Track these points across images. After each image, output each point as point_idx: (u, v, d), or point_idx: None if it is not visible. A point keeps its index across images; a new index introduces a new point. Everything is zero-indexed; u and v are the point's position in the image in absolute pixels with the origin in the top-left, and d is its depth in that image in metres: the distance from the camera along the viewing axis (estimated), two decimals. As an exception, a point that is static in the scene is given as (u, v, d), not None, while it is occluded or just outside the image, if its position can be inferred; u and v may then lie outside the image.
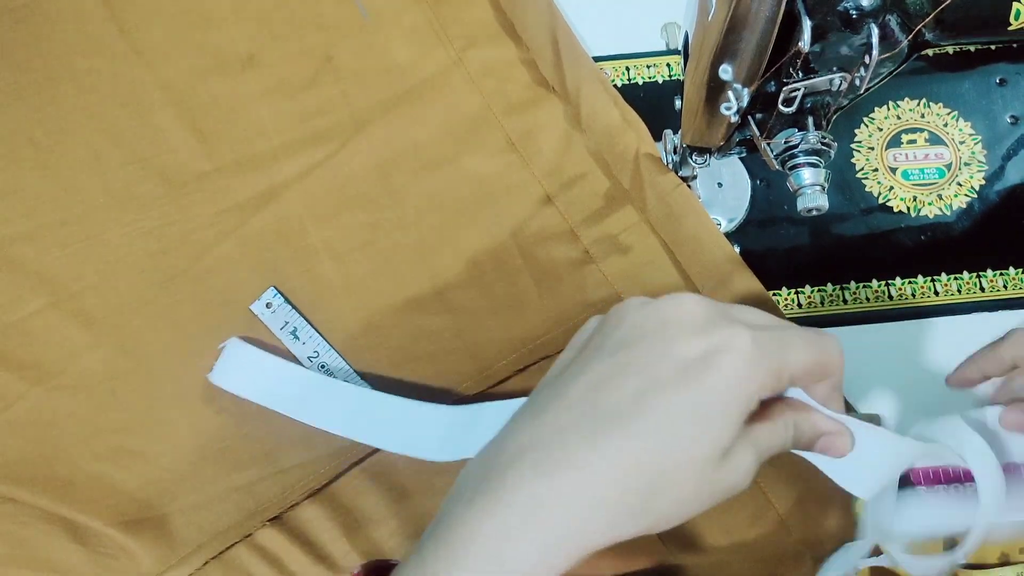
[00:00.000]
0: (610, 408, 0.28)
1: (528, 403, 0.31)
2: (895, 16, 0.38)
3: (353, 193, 0.55)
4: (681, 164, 0.53)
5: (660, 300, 0.30)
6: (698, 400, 0.27)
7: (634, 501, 0.27)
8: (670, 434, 0.27)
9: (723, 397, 0.28)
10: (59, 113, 0.55)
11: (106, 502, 0.49)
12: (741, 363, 0.28)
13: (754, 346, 0.28)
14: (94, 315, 0.52)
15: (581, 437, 0.27)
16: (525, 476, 0.27)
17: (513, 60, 0.57)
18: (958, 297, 0.54)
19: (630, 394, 0.28)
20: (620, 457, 0.27)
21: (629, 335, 0.30)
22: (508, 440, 0.29)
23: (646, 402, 0.27)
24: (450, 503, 0.29)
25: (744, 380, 0.28)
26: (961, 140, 0.57)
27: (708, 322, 0.29)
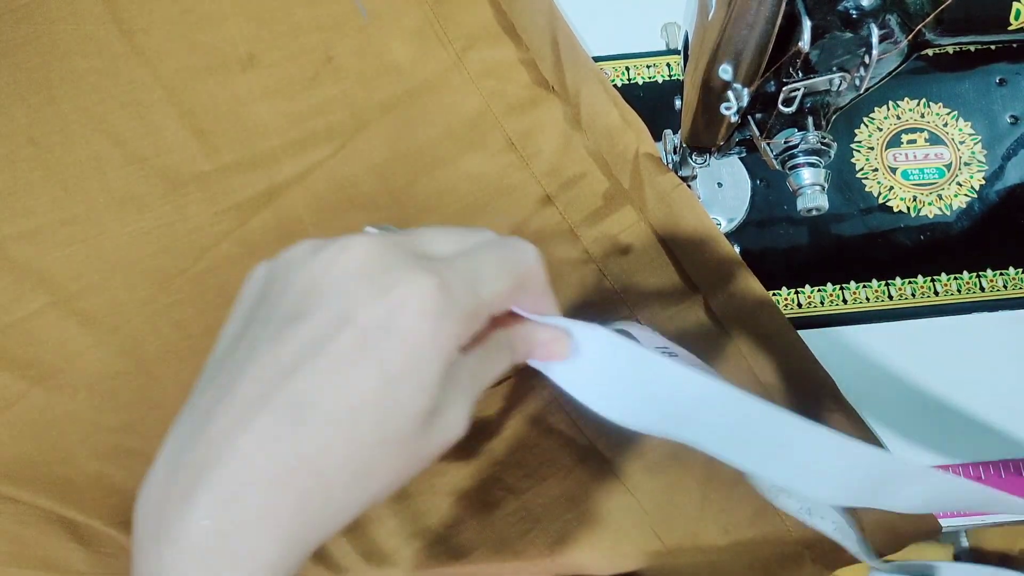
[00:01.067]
0: (289, 402, 0.24)
1: (192, 403, 0.27)
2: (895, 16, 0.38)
3: (353, 193, 0.55)
4: (681, 164, 0.53)
5: (329, 247, 0.26)
6: (381, 372, 0.24)
7: (336, 494, 0.24)
8: (362, 417, 0.24)
9: (413, 364, 0.24)
10: (59, 113, 0.55)
11: (106, 501, 0.49)
12: (428, 320, 0.24)
13: (440, 295, 0.24)
14: (94, 315, 0.52)
15: (262, 440, 0.24)
16: (202, 502, 0.24)
17: (513, 60, 0.57)
18: (958, 297, 0.54)
19: (310, 381, 0.24)
20: (310, 455, 0.24)
21: (300, 302, 0.25)
22: (179, 454, 0.25)
23: (329, 386, 0.24)
24: (137, 554, 0.25)
25: (434, 339, 0.24)
26: (961, 140, 0.57)
27: (385, 272, 0.25)
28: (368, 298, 0.25)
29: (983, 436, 0.51)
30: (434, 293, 0.25)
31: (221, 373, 0.26)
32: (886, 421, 0.50)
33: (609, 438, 0.50)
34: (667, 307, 0.52)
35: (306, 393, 0.24)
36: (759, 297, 0.51)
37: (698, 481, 0.49)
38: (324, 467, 0.24)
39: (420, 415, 0.25)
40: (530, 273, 0.28)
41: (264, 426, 0.24)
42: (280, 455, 0.24)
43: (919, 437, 0.51)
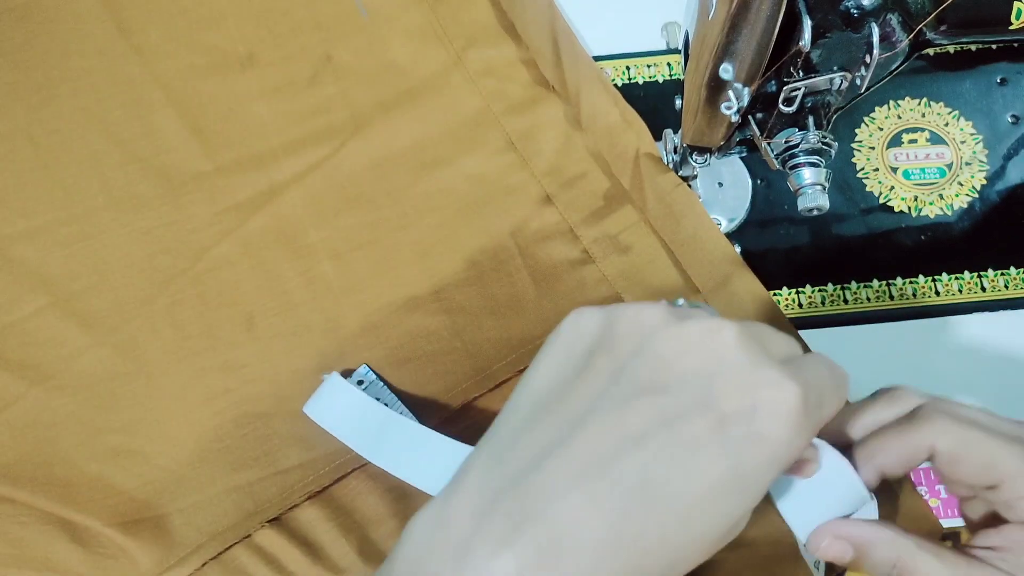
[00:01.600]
0: (632, 474, 0.23)
1: (508, 439, 0.25)
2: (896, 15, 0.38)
3: (352, 193, 0.55)
4: (681, 164, 0.53)
5: (692, 325, 0.25)
6: (736, 469, 0.23)
7: (653, 570, 0.23)
8: (701, 507, 0.23)
9: (764, 468, 0.24)
10: (58, 113, 0.55)
11: (105, 502, 0.49)
12: (789, 428, 0.24)
13: (803, 407, 0.24)
14: (93, 315, 0.52)
15: (593, 508, 0.23)
16: (519, 553, 0.22)
17: (513, 60, 0.57)
18: (959, 297, 0.54)
19: (658, 457, 0.23)
20: (639, 533, 0.23)
21: (656, 372, 0.24)
22: (496, 494, 0.24)
23: (677, 467, 0.23)
24: (425, 569, 0.24)
25: (789, 448, 0.24)
26: (962, 140, 0.56)
27: (754, 369, 0.24)
28: (735, 390, 0.24)
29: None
30: (799, 404, 0.24)
31: (551, 418, 0.25)
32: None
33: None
34: (667, 307, 0.52)
35: (651, 469, 0.23)
36: (760, 297, 0.51)
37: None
38: (650, 549, 0.23)
39: (742, 516, 0.24)
40: (846, 394, 0.28)
41: (600, 492, 0.23)
42: (610, 526, 0.22)
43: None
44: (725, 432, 0.23)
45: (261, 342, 0.52)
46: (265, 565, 0.48)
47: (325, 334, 0.52)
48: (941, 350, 0.53)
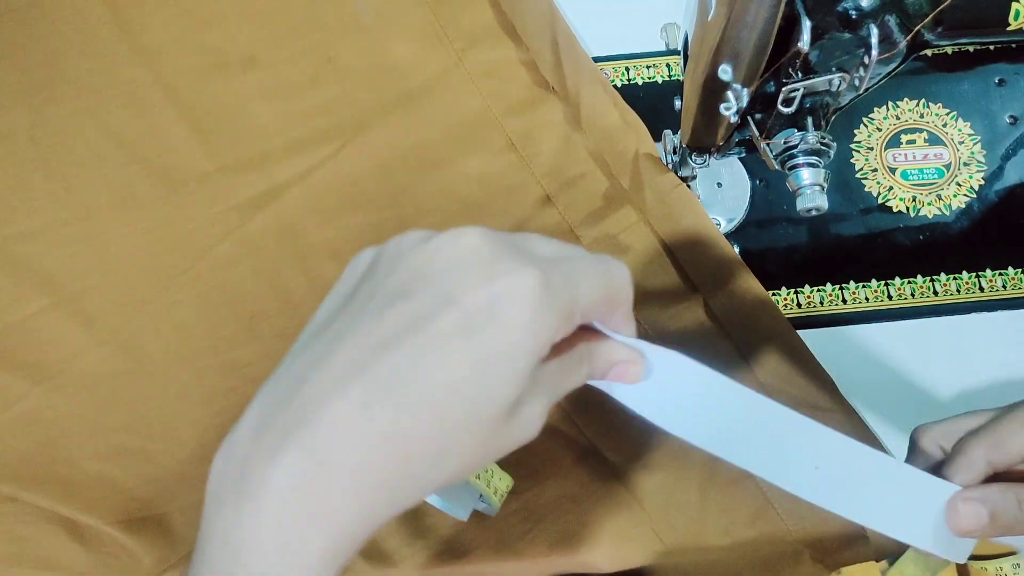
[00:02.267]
0: (385, 374, 0.24)
1: (284, 367, 0.26)
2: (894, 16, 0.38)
3: (354, 193, 0.55)
4: (680, 164, 0.53)
5: (439, 237, 0.27)
6: (482, 357, 0.25)
7: (417, 470, 0.25)
8: (454, 397, 0.24)
9: (510, 351, 0.25)
10: (60, 113, 0.55)
11: (107, 501, 0.49)
12: (529, 311, 0.25)
13: (542, 289, 0.25)
14: (95, 315, 0.52)
15: (352, 407, 0.24)
16: (289, 460, 0.24)
17: (513, 61, 0.57)
18: (957, 297, 0.54)
19: (408, 356, 0.24)
20: (396, 428, 0.24)
21: (407, 282, 0.26)
22: (269, 413, 0.25)
23: (426, 363, 0.24)
24: (211, 508, 0.25)
25: (532, 329, 0.25)
26: (960, 140, 0.57)
27: (494, 262, 0.25)
28: (475, 283, 0.25)
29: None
30: (537, 286, 0.25)
31: (318, 341, 0.26)
32: (886, 421, 0.50)
33: (610, 438, 0.50)
34: (667, 307, 0.52)
35: (402, 368, 0.24)
36: (759, 297, 0.51)
37: (698, 481, 0.49)
38: (410, 441, 0.24)
39: (507, 404, 0.25)
40: (621, 290, 0.29)
41: (357, 394, 0.24)
42: (370, 424, 0.24)
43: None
44: (468, 323, 0.24)
45: (263, 342, 0.52)
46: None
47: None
48: (939, 350, 0.53)
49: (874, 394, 0.51)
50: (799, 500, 0.48)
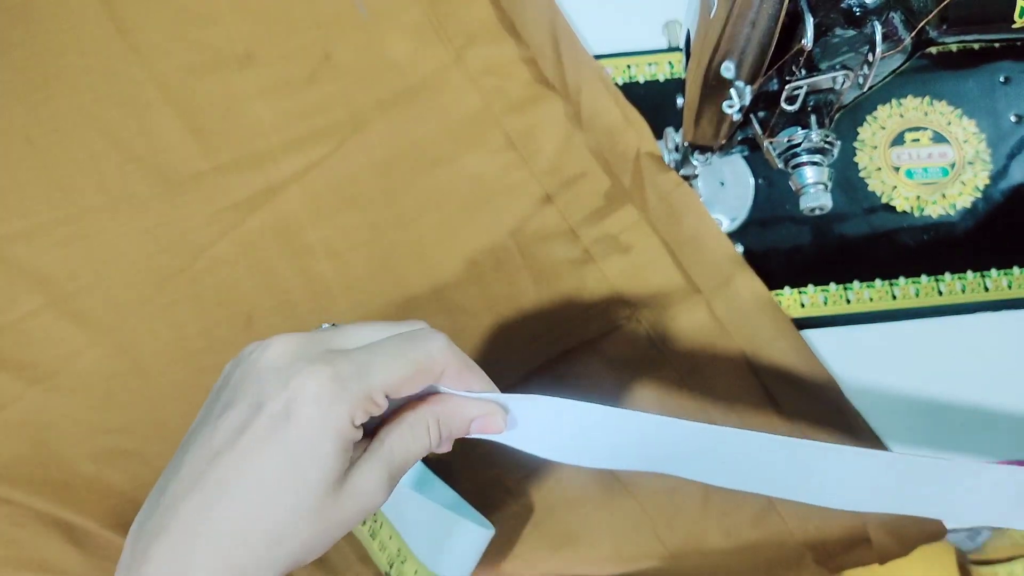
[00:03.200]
0: (216, 480, 0.29)
1: (164, 474, 0.31)
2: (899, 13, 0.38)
3: (351, 192, 0.54)
4: (683, 163, 0.52)
5: (259, 346, 0.31)
6: (285, 452, 0.28)
7: (261, 555, 0.28)
8: (271, 491, 0.28)
9: (311, 443, 0.29)
10: (56, 112, 0.55)
11: (102, 503, 0.49)
12: (316, 406, 0.29)
13: (331, 383, 0.29)
14: (90, 315, 0.52)
15: (196, 511, 0.28)
16: (154, 563, 0.28)
17: (513, 58, 0.57)
18: (962, 297, 0.53)
19: (233, 461, 0.29)
20: (233, 524, 0.28)
21: (232, 394, 0.30)
22: (142, 521, 0.30)
23: (247, 465, 0.28)
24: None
25: (325, 421, 0.29)
26: (965, 139, 0.56)
27: (290, 368, 0.29)
28: (275, 389, 0.29)
29: (987, 436, 0.51)
30: (325, 381, 0.29)
31: (179, 450, 0.31)
32: (889, 421, 0.50)
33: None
34: (669, 307, 0.52)
35: (228, 471, 0.29)
36: (761, 297, 0.51)
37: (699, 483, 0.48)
38: (246, 534, 0.28)
39: (323, 487, 0.29)
40: (434, 362, 0.31)
41: (197, 500, 0.28)
42: (211, 524, 0.28)
43: (922, 438, 0.51)
44: (273, 425, 0.29)
45: (260, 342, 0.52)
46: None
47: (324, 334, 0.52)
48: (944, 350, 0.53)
49: (877, 395, 0.51)
50: (802, 502, 0.48)
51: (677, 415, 0.49)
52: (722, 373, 0.50)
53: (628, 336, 0.52)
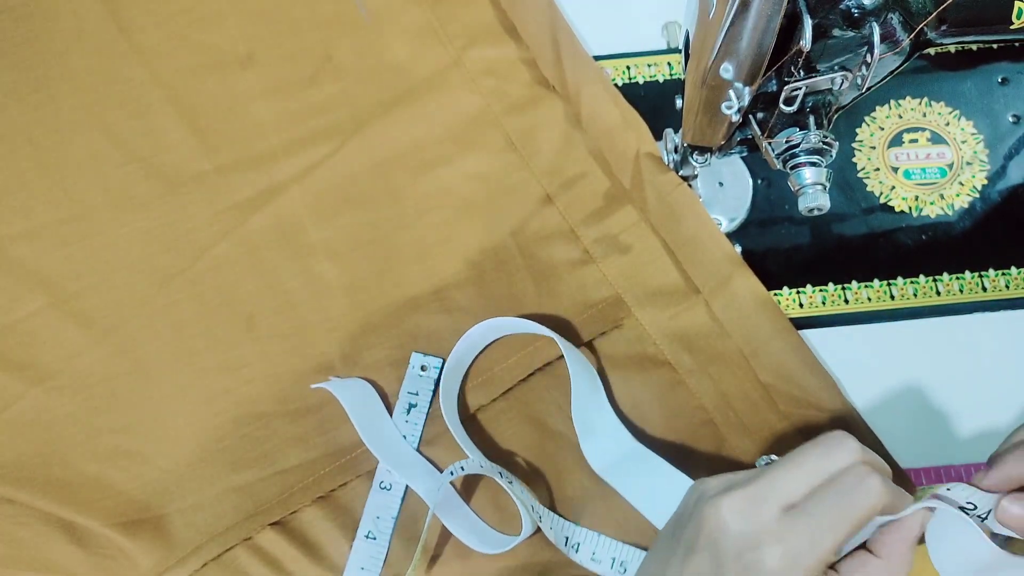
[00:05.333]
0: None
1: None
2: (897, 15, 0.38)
3: (352, 192, 0.55)
4: (682, 163, 0.52)
5: (711, 500, 0.35)
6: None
7: None
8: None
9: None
10: (58, 112, 0.55)
11: (104, 503, 0.49)
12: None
13: (784, 561, 0.32)
14: (93, 315, 0.52)
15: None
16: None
17: (513, 59, 0.57)
18: (960, 297, 0.53)
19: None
20: None
21: (692, 537, 0.35)
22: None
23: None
24: None
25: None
26: (963, 139, 0.56)
27: (746, 538, 0.33)
28: (731, 557, 0.33)
29: (985, 437, 0.51)
30: (778, 559, 0.32)
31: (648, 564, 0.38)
32: (887, 421, 0.50)
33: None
34: (667, 307, 0.52)
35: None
36: (760, 297, 0.51)
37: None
38: None
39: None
40: (867, 516, 0.33)
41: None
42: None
43: (920, 438, 0.51)
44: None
45: (261, 342, 0.52)
46: (265, 565, 0.48)
47: (325, 334, 0.52)
48: (942, 350, 0.53)
49: (876, 394, 0.51)
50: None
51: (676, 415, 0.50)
52: (721, 373, 0.50)
53: (628, 336, 0.52)
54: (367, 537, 0.48)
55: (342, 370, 0.51)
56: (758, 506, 0.34)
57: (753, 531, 0.33)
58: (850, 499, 0.33)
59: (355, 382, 0.50)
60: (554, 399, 0.50)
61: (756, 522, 0.33)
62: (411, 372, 0.51)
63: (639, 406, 0.50)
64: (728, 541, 0.33)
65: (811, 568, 0.32)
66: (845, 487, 0.33)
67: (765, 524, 0.33)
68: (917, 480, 0.50)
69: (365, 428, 0.48)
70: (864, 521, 0.33)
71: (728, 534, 0.33)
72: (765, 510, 0.34)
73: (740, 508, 0.34)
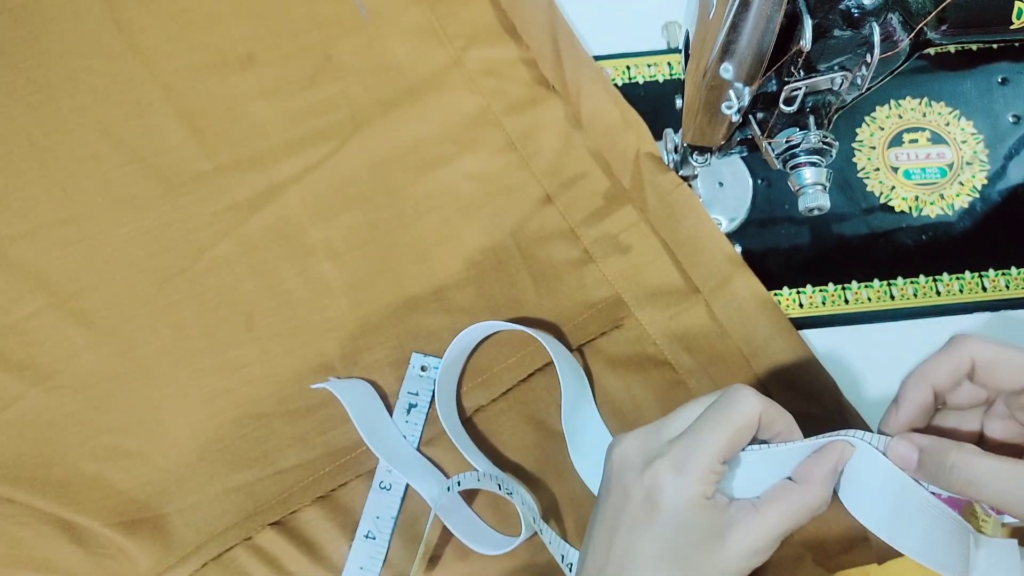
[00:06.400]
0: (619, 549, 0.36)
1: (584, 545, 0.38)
2: (897, 15, 0.38)
3: (352, 192, 0.55)
4: (682, 163, 0.52)
5: (615, 447, 0.38)
6: (659, 532, 0.35)
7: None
8: (657, 564, 0.35)
9: (672, 521, 0.35)
10: (57, 113, 0.55)
11: (104, 502, 0.49)
12: (668, 492, 0.35)
13: (673, 472, 0.35)
14: (92, 315, 0.52)
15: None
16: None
17: (513, 59, 0.57)
18: (960, 297, 0.53)
19: (622, 542, 0.36)
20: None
21: (607, 484, 0.38)
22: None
23: (634, 546, 0.35)
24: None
25: (679, 500, 0.35)
26: (963, 139, 0.56)
27: (639, 465, 0.36)
28: (633, 483, 0.36)
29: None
30: (668, 471, 0.35)
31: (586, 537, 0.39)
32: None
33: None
34: (667, 307, 0.52)
35: (625, 552, 0.36)
36: (760, 297, 0.51)
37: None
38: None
39: (698, 553, 0.35)
40: (745, 415, 0.36)
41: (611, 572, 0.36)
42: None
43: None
44: (645, 512, 0.36)
45: (260, 342, 0.52)
46: (264, 565, 0.48)
47: (325, 334, 0.52)
48: (942, 350, 0.53)
49: (876, 394, 0.51)
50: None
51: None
52: (721, 373, 0.50)
53: (628, 336, 0.52)
54: (366, 537, 0.48)
55: (342, 370, 0.51)
56: (652, 436, 0.37)
57: (648, 455, 0.36)
58: (725, 408, 0.36)
59: (355, 382, 0.50)
60: (554, 399, 0.50)
61: (651, 449, 0.37)
62: (411, 372, 0.51)
63: (639, 406, 0.50)
64: (629, 471, 0.37)
65: (698, 472, 0.35)
66: (720, 402, 0.37)
67: (658, 448, 0.36)
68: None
69: (365, 428, 0.48)
70: (741, 424, 0.36)
71: (628, 464, 0.37)
72: (658, 438, 0.37)
73: (638, 443, 0.37)
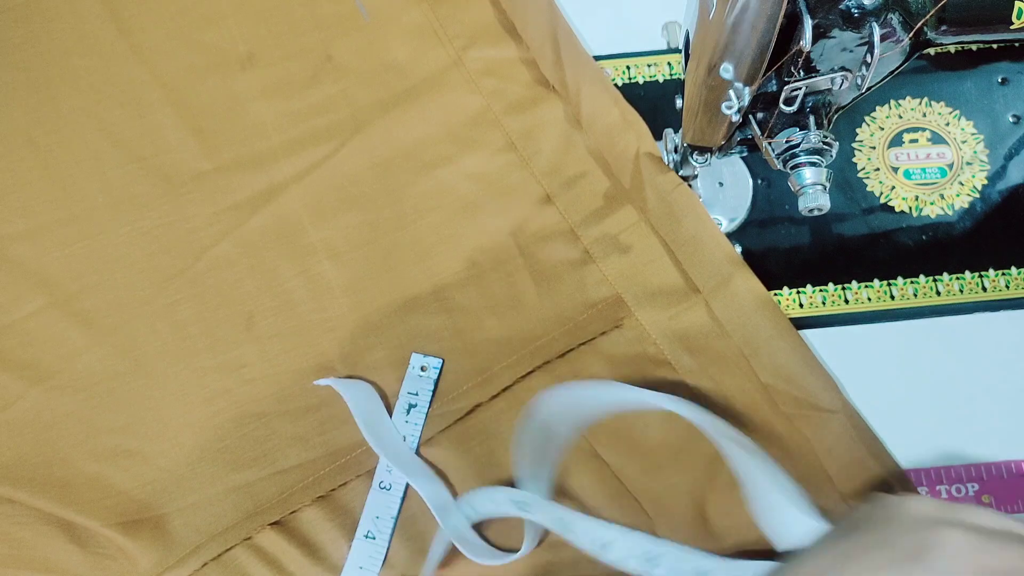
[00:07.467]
0: None
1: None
2: (897, 15, 0.38)
3: (352, 192, 0.55)
4: (682, 163, 0.52)
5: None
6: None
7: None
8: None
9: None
10: (58, 113, 0.55)
11: (104, 503, 0.49)
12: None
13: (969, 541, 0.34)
14: (92, 315, 0.52)
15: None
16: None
17: (513, 59, 0.57)
18: (960, 297, 0.53)
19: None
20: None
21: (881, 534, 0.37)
22: None
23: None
24: None
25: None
26: (963, 139, 0.56)
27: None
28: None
29: (984, 437, 0.51)
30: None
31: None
32: (888, 421, 0.50)
33: (608, 439, 0.50)
34: (667, 307, 0.52)
35: None
36: (760, 297, 0.51)
37: (699, 483, 0.49)
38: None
39: None
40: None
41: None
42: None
43: (920, 438, 0.51)
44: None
45: (260, 342, 0.52)
46: (265, 565, 0.48)
47: (325, 334, 0.52)
48: (942, 350, 0.53)
49: (876, 394, 0.51)
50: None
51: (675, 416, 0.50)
52: (721, 373, 0.50)
53: (628, 336, 0.52)
54: (366, 537, 0.48)
55: (342, 370, 0.51)
56: (948, 511, 0.37)
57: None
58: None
59: (356, 382, 0.50)
60: None
61: (944, 519, 0.36)
62: (411, 372, 0.51)
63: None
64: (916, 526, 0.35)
65: None
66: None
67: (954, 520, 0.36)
68: (917, 480, 0.50)
69: (366, 427, 0.48)
70: None
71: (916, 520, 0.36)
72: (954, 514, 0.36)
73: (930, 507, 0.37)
